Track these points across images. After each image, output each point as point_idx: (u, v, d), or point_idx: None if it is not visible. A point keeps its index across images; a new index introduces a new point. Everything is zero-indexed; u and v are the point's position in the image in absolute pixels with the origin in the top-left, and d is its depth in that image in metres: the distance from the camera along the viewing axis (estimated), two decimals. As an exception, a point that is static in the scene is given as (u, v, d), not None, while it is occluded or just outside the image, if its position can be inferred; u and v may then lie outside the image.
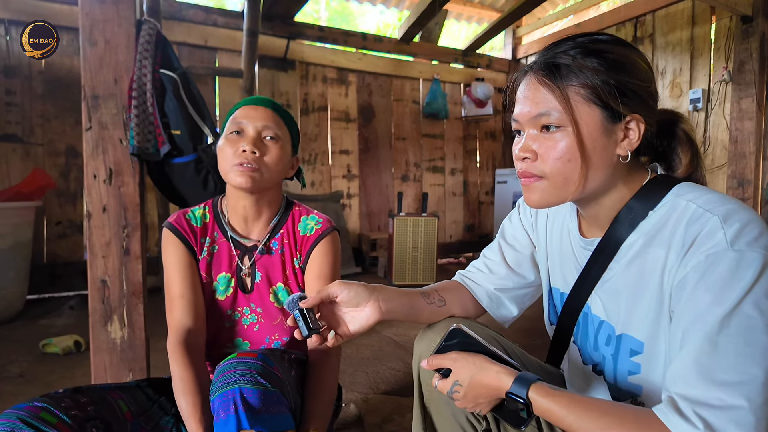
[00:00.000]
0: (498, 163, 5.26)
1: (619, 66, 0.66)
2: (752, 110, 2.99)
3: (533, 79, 0.69)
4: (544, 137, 0.67)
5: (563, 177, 0.67)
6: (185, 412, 0.88)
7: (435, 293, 0.88)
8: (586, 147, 0.65)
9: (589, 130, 0.65)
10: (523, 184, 0.72)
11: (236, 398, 0.74)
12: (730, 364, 0.53)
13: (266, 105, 1.02)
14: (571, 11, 4.59)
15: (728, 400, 0.52)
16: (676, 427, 0.53)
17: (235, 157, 0.96)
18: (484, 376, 0.67)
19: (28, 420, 0.74)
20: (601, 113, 0.65)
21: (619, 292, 0.72)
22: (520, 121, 0.70)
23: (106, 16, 1.33)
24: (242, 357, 0.80)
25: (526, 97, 0.69)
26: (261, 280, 1.05)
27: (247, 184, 0.96)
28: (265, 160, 0.97)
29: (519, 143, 0.71)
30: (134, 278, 1.38)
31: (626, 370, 0.71)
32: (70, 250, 3.24)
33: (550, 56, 0.68)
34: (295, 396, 0.87)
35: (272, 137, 0.99)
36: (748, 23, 2.99)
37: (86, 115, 1.33)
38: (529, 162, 0.69)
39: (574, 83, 0.65)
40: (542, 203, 0.70)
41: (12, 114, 3.06)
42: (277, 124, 1.00)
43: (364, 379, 1.81)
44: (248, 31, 2.95)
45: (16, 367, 1.92)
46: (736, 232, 0.57)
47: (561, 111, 0.65)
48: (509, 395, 0.65)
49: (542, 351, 0.90)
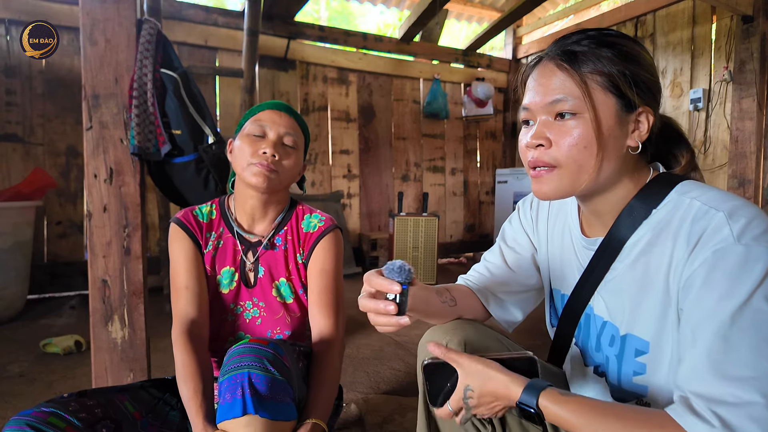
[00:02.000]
0: (498, 162, 5.25)
1: (632, 58, 0.67)
2: (753, 110, 2.99)
3: (549, 65, 0.68)
4: (559, 124, 0.66)
5: (578, 165, 0.66)
6: (186, 396, 0.89)
7: (447, 292, 0.87)
8: (603, 134, 0.65)
9: (605, 118, 0.65)
10: (534, 176, 0.70)
11: (244, 383, 0.75)
12: (743, 358, 0.53)
13: (289, 113, 1.06)
14: (572, 11, 4.58)
15: (743, 396, 0.52)
16: (692, 427, 0.53)
17: (254, 157, 0.99)
18: (495, 386, 0.66)
19: (37, 426, 0.74)
20: (617, 102, 0.65)
21: (623, 291, 0.71)
22: (533, 108, 0.69)
23: (106, 16, 1.33)
24: (254, 343, 0.81)
25: (541, 83, 0.68)
26: (264, 275, 1.06)
27: (262, 184, 0.99)
28: (284, 164, 1.01)
29: (530, 131, 0.69)
30: (135, 278, 1.38)
31: (631, 371, 0.70)
32: (70, 249, 3.24)
33: (565, 45, 0.68)
34: (300, 387, 0.88)
35: (291, 145, 1.03)
36: (748, 23, 2.98)
37: (87, 114, 1.33)
38: (543, 150, 0.67)
39: (591, 70, 0.65)
40: (554, 194, 0.69)
41: (12, 114, 3.06)
42: (296, 132, 1.05)
43: (365, 379, 1.81)
44: (249, 31, 2.95)
45: (17, 367, 1.91)
46: (743, 227, 0.57)
47: (578, 97, 0.65)
48: (519, 405, 0.64)
49: (545, 352, 0.89)
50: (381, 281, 0.66)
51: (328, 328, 1.03)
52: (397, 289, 0.65)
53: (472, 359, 0.68)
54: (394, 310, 0.65)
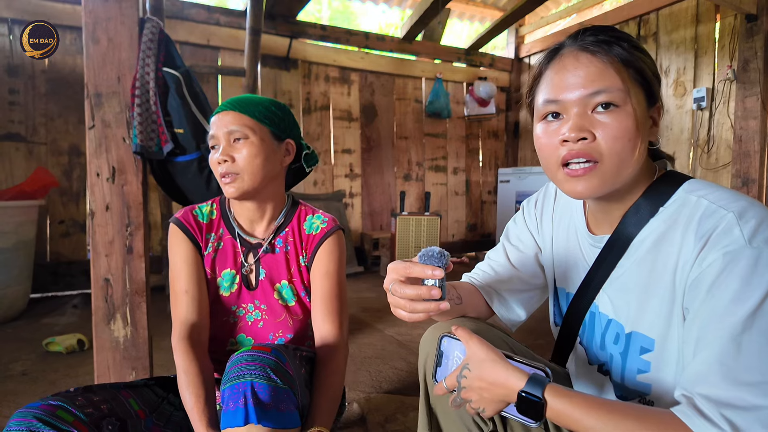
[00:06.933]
0: (501, 162, 5.25)
1: (647, 55, 0.67)
2: (757, 109, 2.98)
3: (582, 56, 0.65)
4: (601, 117, 0.63)
5: (620, 159, 0.63)
6: (188, 404, 0.89)
7: (453, 290, 0.86)
8: (640, 127, 0.64)
9: (641, 111, 0.64)
10: (570, 174, 0.66)
11: (247, 392, 0.74)
12: (754, 364, 0.53)
13: (228, 108, 0.99)
14: (574, 10, 4.57)
15: (753, 401, 0.51)
16: (701, 429, 0.52)
17: (217, 171, 0.98)
18: (496, 372, 0.64)
19: (45, 418, 0.73)
20: (645, 96, 0.65)
21: (629, 289, 0.71)
22: (566, 100, 0.65)
23: (109, 15, 1.33)
24: (256, 351, 0.80)
25: (577, 75, 0.64)
26: (265, 278, 1.05)
27: (234, 195, 0.97)
28: (239, 164, 0.96)
29: (564, 125, 0.65)
30: (137, 277, 1.38)
31: (635, 369, 0.70)
32: (73, 248, 3.25)
33: (588, 37, 0.66)
34: (303, 394, 0.87)
35: (239, 138, 0.97)
36: (752, 21, 2.97)
37: (89, 113, 1.33)
38: (586, 143, 0.63)
39: (626, 61, 0.64)
40: (596, 191, 0.66)
41: (15, 113, 3.07)
42: (242, 123, 0.97)
43: (367, 379, 1.80)
44: (251, 30, 2.94)
45: (20, 366, 1.92)
46: (753, 229, 0.56)
47: (621, 88, 0.62)
48: (522, 394, 0.61)
49: (548, 351, 0.89)
50: (419, 267, 0.66)
51: (332, 334, 1.01)
52: (439, 274, 0.64)
53: (482, 342, 0.67)
54: (438, 293, 0.64)
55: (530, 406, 0.61)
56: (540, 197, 0.93)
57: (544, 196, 0.92)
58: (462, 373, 0.67)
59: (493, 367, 0.65)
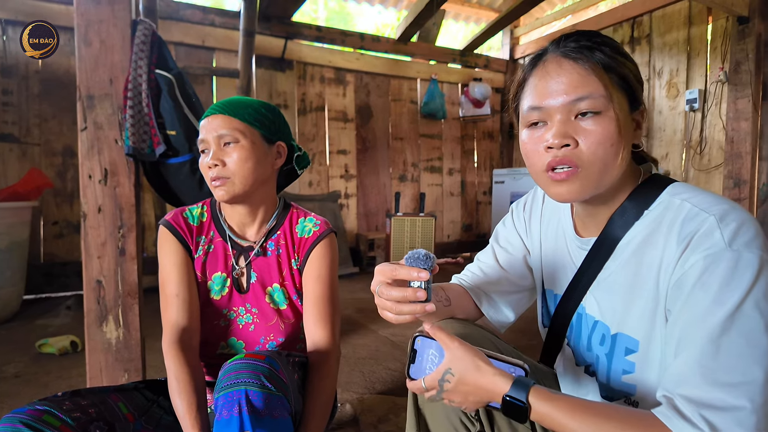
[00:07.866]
0: (496, 163, 5.26)
1: (629, 57, 0.68)
2: (748, 110, 3.00)
3: (564, 62, 0.66)
4: (583, 123, 0.64)
5: (603, 164, 0.64)
6: (180, 411, 0.88)
7: (442, 291, 0.87)
8: (623, 132, 0.65)
9: (623, 116, 0.65)
10: (554, 178, 0.67)
11: (241, 400, 0.74)
12: (733, 365, 0.53)
13: (218, 111, 0.98)
14: (569, 11, 4.59)
15: (731, 401, 0.52)
16: (681, 430, 0.53)
17: (207, 175, 0.97)
18: (480, 376, 0.64)
19: (31, 423, 0.73)
20: (627, 100, 0.66)
21: (615, 290, 0.72)
22: (550, 107, 0.66)
23: (101, 17, 1.33)
24: (250, 358, 0.80)
25: (560, 82, 0.65)
26: (256, 281, 1.04)
27: (224, 198, 0.97)
28: (230, 167, 0.95)
29: (548, 131, 0.66)
30: (130, 278, 1.38)
31: (621, 369, 0.71)
32: (66, 250, 3.24)
33: (570, 43, 0.67)
34: (296, 399, 0.87)
35: (229, 141, 0.96)
36: (744, 24, 2.99)
37: (81, 115, 1.33)
38: (569, 149, 0.65)
39: (608, 67, 0.65)
40: (579, 195, 0.67)
41: (9, 114, 3.06)
42: (232, 127, 0.96)
43: (360, 379, 1.81)
44: (245, 32, 2.95)
45: (12, 368, 1.91)
46: (733, 232, 0.57)
47: (603, 94, 0.63)
48: (507, 398, 0.62)
49: (538, 352, 0.90)
50: (405, 270, 0.67)
51: (324, 338, 1.01)
52: (424, 276, 0.66)
53: (463, 345, 0.67)
54: (424, 295, 0.66)
55: (515, 410, 0.62)
56: (529, 200, 0.94)
57: (532, 199, 0.93)
58: (444, 377, 0.67)
59: (477, 372, 0.65)
